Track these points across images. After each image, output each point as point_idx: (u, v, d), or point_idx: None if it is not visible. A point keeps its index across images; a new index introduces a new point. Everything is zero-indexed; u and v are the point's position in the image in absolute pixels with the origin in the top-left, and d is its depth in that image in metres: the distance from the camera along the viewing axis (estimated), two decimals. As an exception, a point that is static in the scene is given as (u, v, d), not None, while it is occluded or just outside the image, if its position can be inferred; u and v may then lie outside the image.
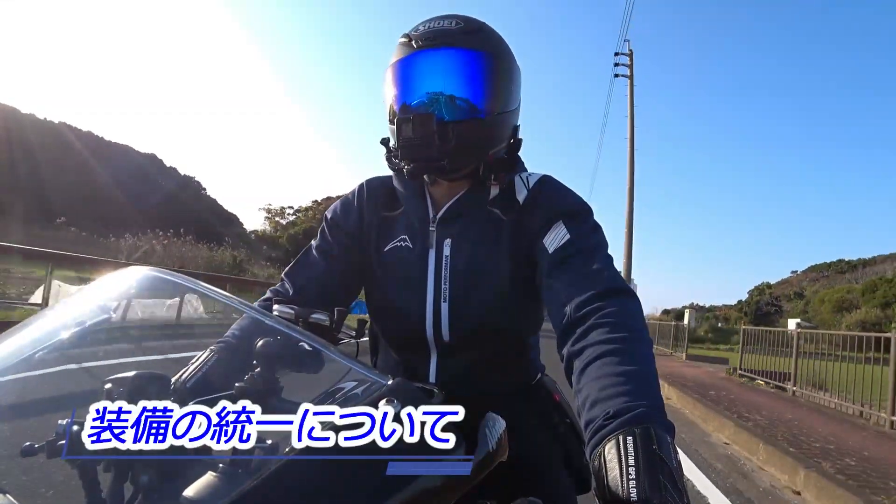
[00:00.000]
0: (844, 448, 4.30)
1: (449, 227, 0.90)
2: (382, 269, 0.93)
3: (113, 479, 0.49)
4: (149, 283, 0.67)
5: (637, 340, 0.67)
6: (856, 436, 4.88)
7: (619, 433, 0.54)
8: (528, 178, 0.92)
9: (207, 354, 0.70)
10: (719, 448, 4.72)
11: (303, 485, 0.45)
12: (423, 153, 0.81)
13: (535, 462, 0.86)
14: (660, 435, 0.53)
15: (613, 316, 0.69)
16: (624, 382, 0.60)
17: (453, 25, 0.83)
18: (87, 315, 0.65)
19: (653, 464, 0.50)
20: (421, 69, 0.84)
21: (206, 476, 0.49)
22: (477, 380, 0.89)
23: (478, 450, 0.49)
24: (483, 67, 0.84)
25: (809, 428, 5.08)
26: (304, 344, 0.59)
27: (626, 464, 0.51)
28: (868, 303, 31.62)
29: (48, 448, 0.50)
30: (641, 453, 0.51)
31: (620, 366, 0.63)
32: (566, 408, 0.98)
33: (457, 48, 0.82)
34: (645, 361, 0.64)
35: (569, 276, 0.77)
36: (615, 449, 0.53)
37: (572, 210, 0.86)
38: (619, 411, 0.57)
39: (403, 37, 0.85)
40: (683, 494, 0.48)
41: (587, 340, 0.68)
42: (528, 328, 0.96)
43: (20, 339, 0.64)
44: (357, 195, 0.99)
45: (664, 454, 0.51)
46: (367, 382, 0.55)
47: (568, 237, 0.81)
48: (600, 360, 0.64)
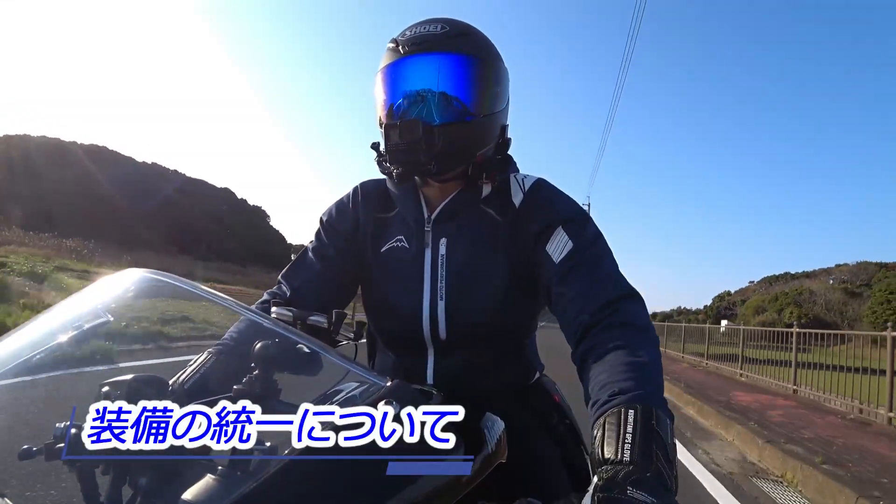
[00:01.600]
0: (722, 392, 7.53)
1: (444, 226, 0.91)
2: (379, 269, 0.94)
3: (112, 482, 0.49)
4: (146, 285, 0.67)
5: (645, 339, 0.71)
6: (737, 388, 8.20)
7: (623, 406, 0.57)
8: (524, 180, 0.93)
9: (205, 357, 0.70)
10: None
11: (303, 485, 0.45)
12: (411, 158, 0.82)
13: (534, 462, 0.86)
14: (660, 415, 0.56)
15: (623, 318, 0.73)
16: (632, 370, 0.64)
17: (439, 30, 0.84)
18: (84, 317, 0.65)
19: (649, 435, 0.53)
20: (406, 74, 0.85)
21: (205, 478, 0.49)
22: (474, 380, 0.90)
23: (477, 450, 0.49)
24: (468, 71, 0.85)
25: (704, 382, 8.79)
26: (302, 346, 0.59)
27: (624, 430, 0.54)
28: (772, 308, 45.79)
29: (46, 450, 0.49)
30: (640, 426, 0.54)
31: (629, 357, 0.66)
32: (565, 408, 0.98)
33: (442, 53, 0.83)
34: (652, 355, 0.68)
35: (578, 285, 0.79)
36: (615, 418, 0.56)
37: (570, 216, 0.87)
38: (624, 389, 0.61)
39: (391, 42, 0.86)
40: (673, 467, 0.52)
41: (599, 340, 0.71)
42: (523, 327, 0.97)
43: (17, 341, 0.63)
44: (352, 198, 1.00)
45: (661, 431, 0.54)
46: (366, 384, 0.55)
47: (571, 245, 0.83)
48: (611, 354, 0.68)
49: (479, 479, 0.49)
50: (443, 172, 0.86)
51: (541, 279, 0.85)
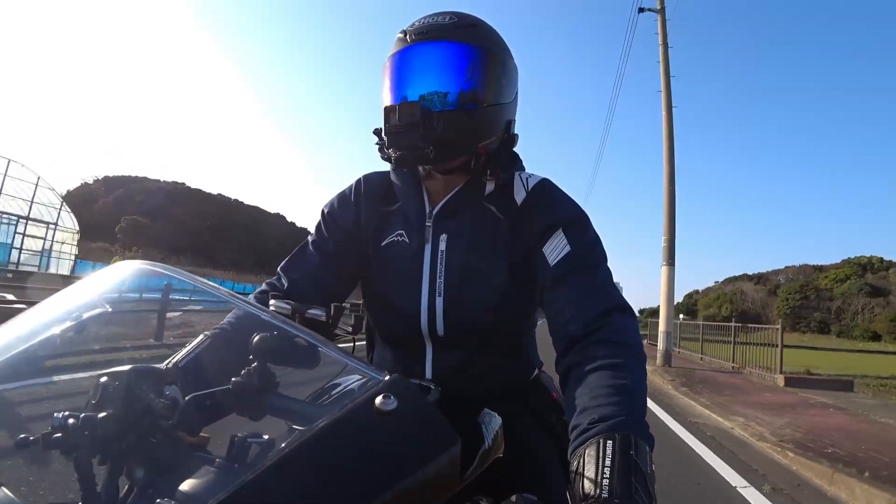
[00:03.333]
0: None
1: (445, 222, 0.91)
2: (379, 263, 0.94)
3: (108, 473, 0.49)
4: (143, 277, 0.67)
5: (632, 357, 0.70)
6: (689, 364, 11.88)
7: (601, 437, 0.57)
8: (528, 179, 0.93)
9: (201, 339, 0.70)
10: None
11: (298, 480, 0.45)
12: (408, 140, 0.82)
13: (531, 459, 0.86)
14: (639, 443, 0.56)
15: (613, 335, 0.72)
16: (613, 394, 0.63)
17: (447, 20, 0.85)
18: (81, 308, 0.65)
19: (628, 468, 0.53)
20: (412, 61, 0.85)
21: (201, 471, 0.49)
22: (472, 376, 0.90)
23: (475, 446, 0.49)
24: (473, 59, 0.84)
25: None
26: (301, 339, 0.58)
27: (602, 465, 0.54)
28: (715, 305, 59.03)
29: (43, 440, 0.49)
30: (619, 457, 0.54)
31: (612, 379, 0.66)
32: (563, 406, 0.98)
33: (447, 41, 0.84)
34: (636, 377, 0.67)
35: (571, 292, 0.79)
36: (594, 450, 0.56)
37: (571, 219, 0.86)
38: (604, 417, 0.60)
39: (400, 33, 0.86)
40: (653, 500, 0.52)
41: (585, 356, 0.71)
42: (522, 325, 0.97)
43: (15, 331, 0.63)
44: (354, 190, 0.99)
45: (640, 460, 0.54)
46: (364, 378, 0.55)
47: (568, 249, 0.82)
48: (595, 374, 0.68)
49: (476, 474, 0.50)
50: (441, 160, 0.85)
51: (536, 280, 0.85)
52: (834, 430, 4.97)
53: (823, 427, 5.09)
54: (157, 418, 0.51)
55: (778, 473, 3.74)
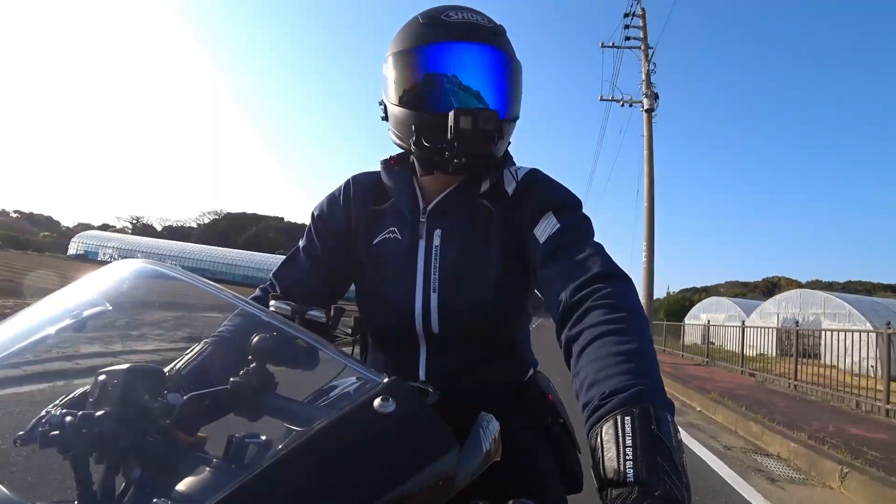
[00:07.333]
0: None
1: (439, 218, 0.90)
2: (372, 261, 0.93)
3: (105, 472, 0.49)
4: (144, 276, 0.67)
5: (634, 320, 0.65)
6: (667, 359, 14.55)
7: (618, 413, 0.53)
8: (517, 171, 0.93)
9: (202, 346, 0.70)
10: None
11: (295, 481, 0.45)
12: (484, 149, 0.79)
13: (528, 462, 0.86)
14: (659, 414, 0.52)
15: (609, 297, 0.68)
16: (621, 362, 0.59)
17: (486, 23, 0.83)
18: (81, 306, 0.65)
19: (651, 444, 0.49)
20: (461, 59, 0.81)
21: (199, 470, 0.49)
22: (467, 376, 0.89)
23: (472, 450, 0.49)
24: (510, 70, 0.84)
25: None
26: (300, 340, 0.58)
27: (623, 444, 0.50)
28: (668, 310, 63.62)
29: (41, 438, 0.49)
30: (639, 434, 0.50)
31: (617, 346, 0.62)
32: (559, 407, 0.98)
33: (494, 47, 0.82)
34: (642, 340, 0.63)
35: (562, 263, 0.77)
36: (613, 429, 0.52)
37: (562, 202, 0.86)
38: (616, 390, 0.56)
39: (428, 19, 0.82)
40: (682, 475, 0.48)
41: (584, 323, 0.67)
42: (517, 320, 0.96)
43: (15, 328, 0.63)
44: (343, 191, 0.99)
45: (663, 434, 0.50)
46: (362, 380, 0.55)
47: (559, 226, 0.81)
48: (598, 342, 0.64)
49: (474, 477, 0.49)
50: (488, 169, 0.86)
51: (530, 264, 0.84)
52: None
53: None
54: (155, 417, 0.51)
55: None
